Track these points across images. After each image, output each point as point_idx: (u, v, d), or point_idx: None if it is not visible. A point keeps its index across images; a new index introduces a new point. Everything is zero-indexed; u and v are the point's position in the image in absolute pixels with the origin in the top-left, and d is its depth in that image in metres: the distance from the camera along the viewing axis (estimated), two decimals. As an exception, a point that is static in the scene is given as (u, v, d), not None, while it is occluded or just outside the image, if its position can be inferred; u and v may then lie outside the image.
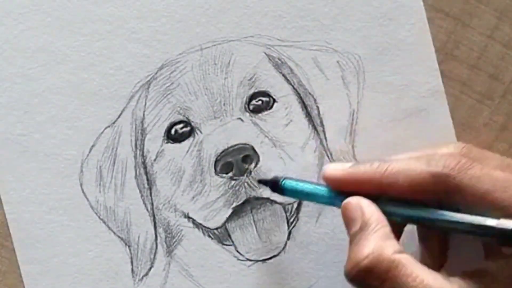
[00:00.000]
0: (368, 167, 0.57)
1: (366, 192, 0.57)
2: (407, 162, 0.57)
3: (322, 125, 0.65)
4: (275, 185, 0.62)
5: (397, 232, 0.58)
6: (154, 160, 0.64)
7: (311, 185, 0.60)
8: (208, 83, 0.64)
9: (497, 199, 0.55)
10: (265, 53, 0.64)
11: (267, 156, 0.63)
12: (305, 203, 0.64)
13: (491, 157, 0.58)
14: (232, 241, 0.64)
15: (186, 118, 0.64)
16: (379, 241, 0.55)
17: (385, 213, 0.57)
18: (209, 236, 0.64)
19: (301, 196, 0.61)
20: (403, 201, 0.57)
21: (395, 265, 0.54)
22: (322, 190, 0.60)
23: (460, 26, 0.65)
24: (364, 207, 0.56)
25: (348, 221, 0.57)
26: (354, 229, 0.56)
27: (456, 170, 0.55)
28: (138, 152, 0.64)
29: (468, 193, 0.55)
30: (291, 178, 0.61)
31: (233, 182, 0.63)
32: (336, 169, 0.59)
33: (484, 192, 0.55)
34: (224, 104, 0.64)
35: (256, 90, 0.64)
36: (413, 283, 0.54)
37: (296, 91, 0.65)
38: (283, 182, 0.61)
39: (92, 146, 0.63)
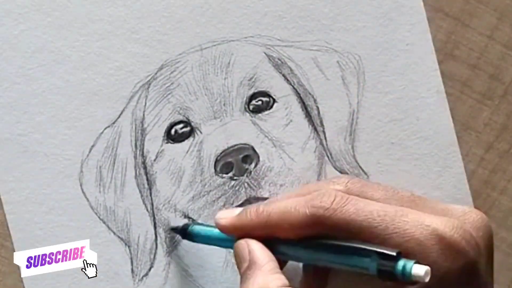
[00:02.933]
0: (253, 213, 0.59)
1: (257, 235, 0.58)
2: (286, 205, 0.58)
3: (322, 125, 0.64)
4: (184, 231, 0.62)
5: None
6: (154, 160, 0.64)
7: (216, 229, 0.61)
8: (208, 83, 0.64)
9: (372, 234, 0.55)
10: (265, 53, 0.64)
11: (267, 156, 0.63)
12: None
13: (376, 188, 0.59)
14: (232, 241, 0.64)
15: (186, 118, 0.64)
16: (265, 277, 0.56)
17: (275, 252, 0.58)
18: (209, 236, 0.64)
19: (208, 241, 0.62)
20: (289, 241, 0.58)
21: None
22: (225, 235, 0.60)
23: (460, 26, 0.65)
24: (251, 246, 0.58)
25: (238, 261, 0.59)
26: (243, 268, 0.58)
27: (331, 210, 0.56)
28: (138, 152, 0.64)
29: (344, 230, 0.56)
30: (201, 224, 0.62)
31: (233, 182, 0.63)
32: (225, 217, 0.60)
33: (359, 228, 0.55)
34: (224, 104, 0.64)
35: (256, 90, 0.64)
36: None
37: (296, 91, 0.65)
38: (191, 228, 0.62)
39: (92, 146, 0.63)
